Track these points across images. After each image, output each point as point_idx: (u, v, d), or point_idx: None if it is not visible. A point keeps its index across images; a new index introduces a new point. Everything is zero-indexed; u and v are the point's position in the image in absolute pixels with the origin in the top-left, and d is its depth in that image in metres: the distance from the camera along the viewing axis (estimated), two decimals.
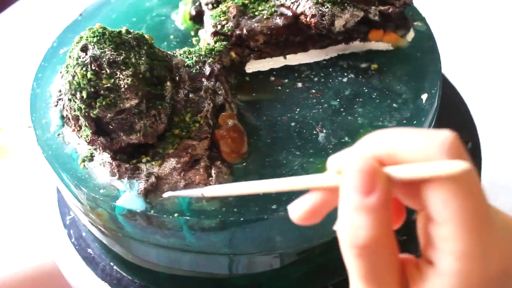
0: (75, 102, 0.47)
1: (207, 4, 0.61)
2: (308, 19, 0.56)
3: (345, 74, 0.57)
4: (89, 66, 0.45)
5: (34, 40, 1.01)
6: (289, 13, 0.57)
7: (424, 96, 0.54)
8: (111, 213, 0.50)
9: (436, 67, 0.56)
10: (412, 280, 0.30)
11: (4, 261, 0.72)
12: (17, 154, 0.85)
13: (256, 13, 0.59)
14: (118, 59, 0.46)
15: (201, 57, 0.55)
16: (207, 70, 0.54)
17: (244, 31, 0.57)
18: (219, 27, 0.58)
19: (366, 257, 0.29)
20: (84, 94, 0.46)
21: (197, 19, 0.64)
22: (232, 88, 0.57)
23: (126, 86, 0.46)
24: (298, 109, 0.54)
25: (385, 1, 0.56)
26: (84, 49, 0.46)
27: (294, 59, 0.59)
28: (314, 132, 0.52)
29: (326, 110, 0.54)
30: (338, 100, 0.55)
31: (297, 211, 0.31)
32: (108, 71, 0.45)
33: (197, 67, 0.54)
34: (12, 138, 0.87)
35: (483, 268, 0.28)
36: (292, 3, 0.57)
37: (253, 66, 0.59)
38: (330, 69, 0.58)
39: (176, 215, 0.47)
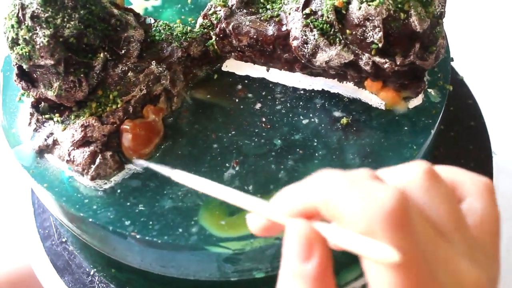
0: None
1: None
2: (291, 40, 0.48)
3: (311, 115, 0.48)
4: (16, 11, 0.45)
5: None
6: (285, 26, 0.49)
7: None
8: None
9: (411, 154, 0.45)
10: None
11: None
12: None
13: (261, 10, 0.51)
14: (42, 15, 0.44)
15: (170, 38, 0.51)
16: (165, 53, 0.50)
17: (230, 26, 0.50)
18: (211, 10, 0.52)
19: None
20: (9, 36, 0.45)
21: None
22: (193, 81, 0.52)
23: (41, 44, 0.44)
24: (233, 132, 0.48)
25: (386, 51, 0.45)
26: None
27: (275, 76, 0.51)
28: (227, 165, 0.46)
29: (260, 147, 0.47)
30: (280, 141, 0.47)
31: (255, 223, 0.29)
32: (29, 24, 0.44)
33: (159, 46, 0.50)
34: None
35: None
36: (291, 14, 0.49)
37: (231, 65, 0.53)
38: (301, 103, 0.49)
39: (45, 185, 0.46)
